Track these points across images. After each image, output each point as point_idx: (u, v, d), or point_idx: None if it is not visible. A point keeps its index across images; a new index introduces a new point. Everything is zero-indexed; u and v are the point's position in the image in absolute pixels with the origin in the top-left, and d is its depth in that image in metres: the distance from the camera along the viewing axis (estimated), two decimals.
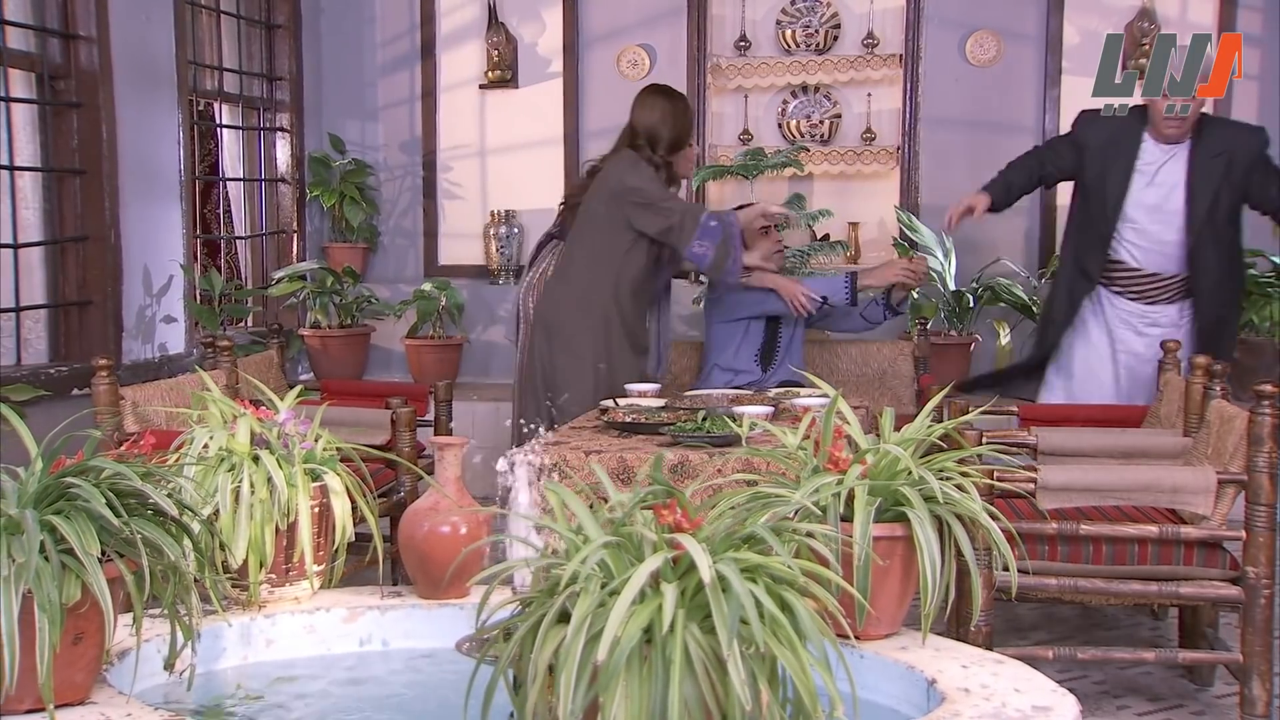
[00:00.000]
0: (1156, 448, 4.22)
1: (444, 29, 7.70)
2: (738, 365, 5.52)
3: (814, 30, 7.36)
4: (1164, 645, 4.63)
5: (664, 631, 1.69)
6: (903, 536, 2.44)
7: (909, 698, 2.32)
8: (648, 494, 1.91)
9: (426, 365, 7.20)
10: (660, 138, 5.12)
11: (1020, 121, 7.18)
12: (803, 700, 1.75)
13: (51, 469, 2.14)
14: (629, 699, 1.70)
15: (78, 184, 5.84)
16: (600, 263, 5.07)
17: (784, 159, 6.71)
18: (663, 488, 1.90)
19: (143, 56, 6.14)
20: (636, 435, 4.20)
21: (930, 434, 2.58)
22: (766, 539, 1.84)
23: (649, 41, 7.45)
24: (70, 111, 5.83)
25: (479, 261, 7.64)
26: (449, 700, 2.64)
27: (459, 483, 2.79)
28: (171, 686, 2.47)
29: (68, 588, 2.02)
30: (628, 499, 1.95)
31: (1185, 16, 7.07)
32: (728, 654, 1.66)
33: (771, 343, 5.57)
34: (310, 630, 2.71)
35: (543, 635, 1.78)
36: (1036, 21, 7.16)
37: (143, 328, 6.12)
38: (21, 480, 2.12)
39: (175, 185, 6.38)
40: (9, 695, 2.01)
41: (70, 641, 2.06)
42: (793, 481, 2.52)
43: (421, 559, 2.76)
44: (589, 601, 1.74)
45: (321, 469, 2.72)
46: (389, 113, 7.80)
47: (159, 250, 6.25)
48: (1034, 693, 2.20)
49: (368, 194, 7.64)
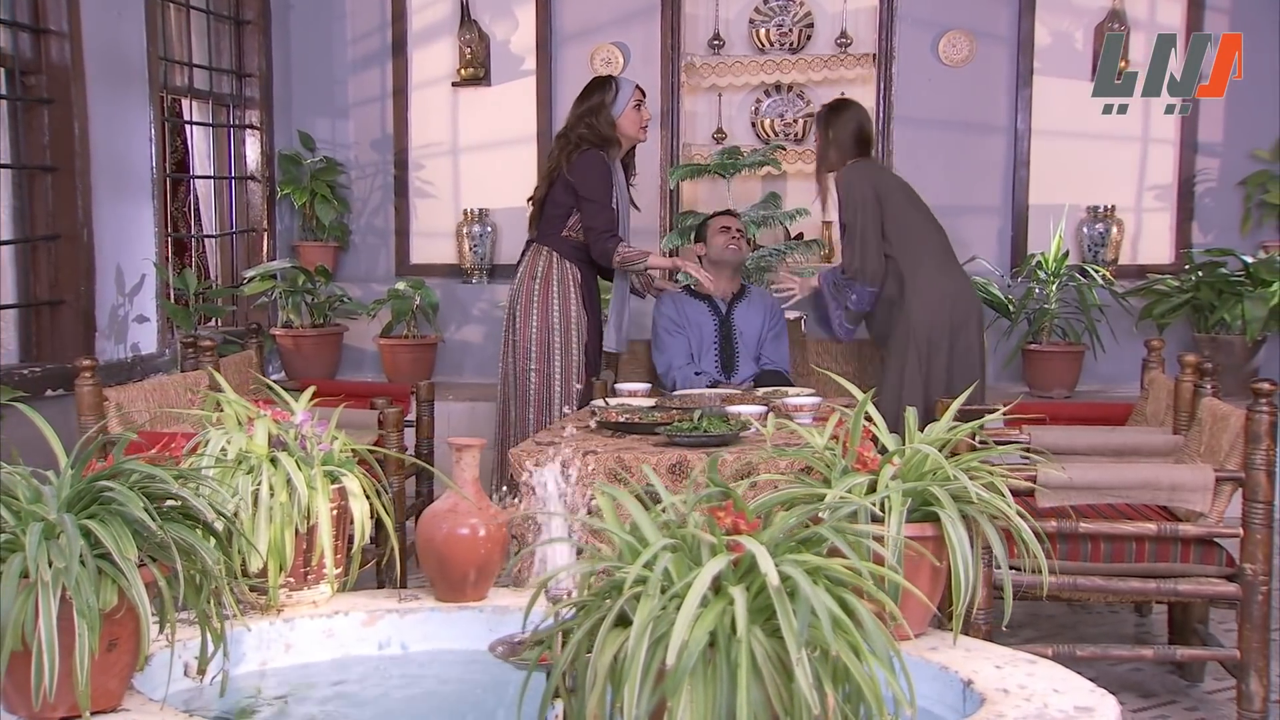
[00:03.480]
0: (1148, 446, 4.24)
1: (415, 26, 7.65)
2: (703, 366, 5.59)
3: (787, 29, 7.37)
4: (1150, 641, 4.67)
5: (733, 635, 1.68)
6: (933, 536, 2.44)
7: (943, 699, 2.31)
8: (705, 496, 1.89)
9: (401, 365, 7.15)
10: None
11: (992, 121, 7.25)
12: (868, 702, 1.74)
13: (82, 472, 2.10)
14: (694, 703, 1.69)
15: (49, 181, 5.75)
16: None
17: (760, 158, 6.71)
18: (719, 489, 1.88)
19: (114, 52, 6.06)
20: (631, 435, 4.19)
21: (956, 434, 2.58)
22: (835, 541, 1.83)
23: (622, 40, 7.43)
24: (41, 108, 5.74)
25: (451, 260, 7.60)
26: (470, 704, 2.63)
27: (477, 484, 2.76)
28: (192, 694, 2.43)
29: (104, 593, 1.98)
30: (680, 500, 1.93)
31: (1154, 17, 7.14)
32: (796, 658, 1.65)
33: (729, 347, 5.63)
34: (329, 634, 2.67)
35: (602, 639, 1.76)
36: (1008, 22, 7.21)
37: (115, 328, 6.03)
38: (54, 484, 2.08)
39: (147, 183, 6.30)
40: (45, 702, 1.96)
41: (105, 648, 2.02)
42: (817, 481, 2.51)
43: (440, 561, 2.72)
44: (651, 605, 1.72)
45: (340, 471, 2.68)
46: (360, 110, 7.74)
47: (131, 249, 6.17)
48: (1073, 693, 2.20)
49: (339, 192, 7.59)
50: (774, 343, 5.67)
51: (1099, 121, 7.01)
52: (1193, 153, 7.17)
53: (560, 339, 5.34)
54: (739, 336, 5.61)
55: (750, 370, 5.57)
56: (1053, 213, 7.06)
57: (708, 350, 5.58)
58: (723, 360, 5.58)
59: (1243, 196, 7.13)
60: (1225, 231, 7.17)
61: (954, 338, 5.30)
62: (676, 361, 5.52)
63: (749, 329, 5.62)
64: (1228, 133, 7.11)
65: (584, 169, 5.37)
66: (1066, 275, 6.79)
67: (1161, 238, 7.26)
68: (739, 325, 5.62)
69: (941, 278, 5.42)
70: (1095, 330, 6.75)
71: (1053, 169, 7.19)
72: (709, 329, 5.60)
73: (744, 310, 5.66)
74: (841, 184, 5.43)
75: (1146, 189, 7.25)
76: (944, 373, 5.27)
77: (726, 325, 5.62)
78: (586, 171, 5.37)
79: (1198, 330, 6.76)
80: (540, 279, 5.38)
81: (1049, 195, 7.17)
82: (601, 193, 5.36)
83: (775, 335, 5.68)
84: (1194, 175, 7.17)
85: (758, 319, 5.66)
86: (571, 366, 5.35)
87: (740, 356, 5.59)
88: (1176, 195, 7.21)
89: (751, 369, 5.57)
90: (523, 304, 5.40)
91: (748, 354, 5.60)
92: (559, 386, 5.34)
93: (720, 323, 5.62)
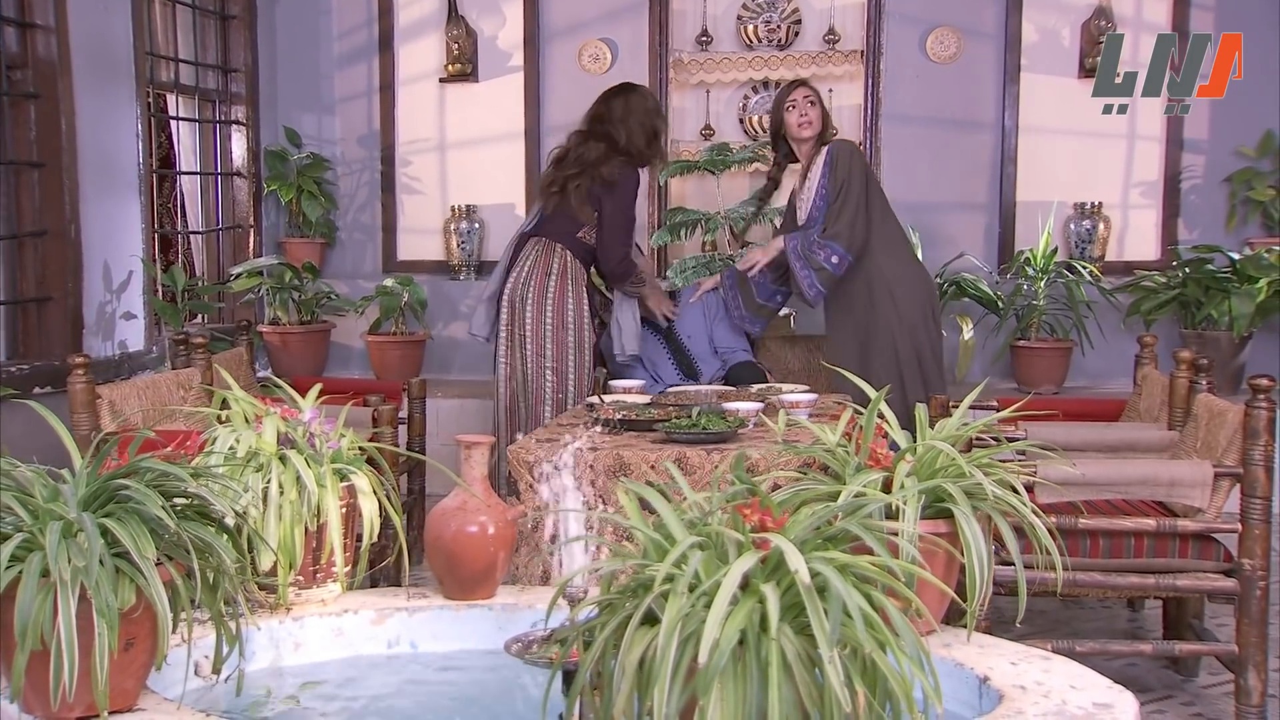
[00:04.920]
0: (1143, 442, 4.26)
1: (402, 21, 7.61)
2: (664, 379, 5.63)
3: (775, 26, 7.37)
4: (1142, 636, 4.69)
5: (762, 633, 1.67)
6: (946, 533, 2.44)
7: (959, 695, 2.31)
8: (734, 493, 1.88)
9: (390, 362, 7.12)
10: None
11: (980, 118, 7.26)
12: (896, 699, 1.74)
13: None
14: (724, 701, 1.68)
15: (36, 177, 5.70)
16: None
17: (750, 154, 6.71)
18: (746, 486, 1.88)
19: (101, 47, 6.01)
20: (628, 432, 4.17)
21: (967, 431, 2.59)
22: (866, 539, 1.82)
23: (610, 36, 7.41)
24: (28, 103, 5.68)
25: (439, 257, 7.57)
26: (480, 701, 2.62)
27: (485, 482, 2.75)
28: (202, 693, 2.42)
29: (122, 592, 1.97)
30: (703, 498, 1.92)
31: (1140, 15, 7.16)
32: (829, 656, 1.65)
33: (683, 358, 5.67)
34: (338, 633, 2.66)
35: (629, 637, 1.75)
36: (996, 19, 7.22)
37: (103, 325, 5.99)
38: (70, 482, 2.06)
39: (134, 179, 6.25)
40: (64, 702, 1.94)
41: (122, 647, 2.00)
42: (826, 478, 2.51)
43: (449, 559, 2.71)
44: (680, 603, 1.72)
45: (349, 469, 2.67)
46: (346, 106, 7.70)
47: (119, 245, 6.12)
48: (1090, 689, 2.20)
49: (325, 188, 7.55)
50: (720, 325, 5.73)
51: (1086, 118, 7.06)
52: (1178, 150, 7.19)
53: (574, 337, 5.32)
54: (688, 341, 5.71)
55: (714, 366, 5.63)
56: (1040, 209, 7.09)
57: (664, 365, 5.66)
58: (683, 369, 5.67)
59: (1228, 193, 7.16)
60: (1210, 228, 7.20)
61: (930, 321, 5.39)
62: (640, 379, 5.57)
63: (694, 329, 5.72)
64: (1213, 130, 7.14)
65: (627, 187, 5.41)
66: (1055, 272, 6.80)
67: (1147, 234, 7.29)
68: (682, 331, 5.76)
69: (914, 263, 5.63)
70: (1083, 326, 6.77)
71: (1040, 166, 7.21)
72: (659, 346, 5.75)
73: (681, 318, 5.77)
74: (844, 153, 5.43)
75: (1133, 186, 7.28)
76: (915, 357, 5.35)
77: (673, 338, 5.75)
78: (628, 190, 5.42)
79: (1184, 326, 6.78)
80: (556, 275, 5.33)
81: (1036, 192, 7.19)
82: (629, 216, 5.44)
83: (720, 318, 5.74)
84: (1180, 172, 7.19)
85: (696, 316, 5.76)
86: (584, 365, 5.34)
87: (698, 358, 5.68)
88: (1163, 192, 7.23)
89: (715, 365, 5.63)
90: (535, 299, 5.32)
91: (704, 353, 5.67)
92: (572, 385, 5.32)
93: (665, 336, 5.76)
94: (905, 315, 5.33)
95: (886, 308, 5.33)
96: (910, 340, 5.33)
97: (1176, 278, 6.75)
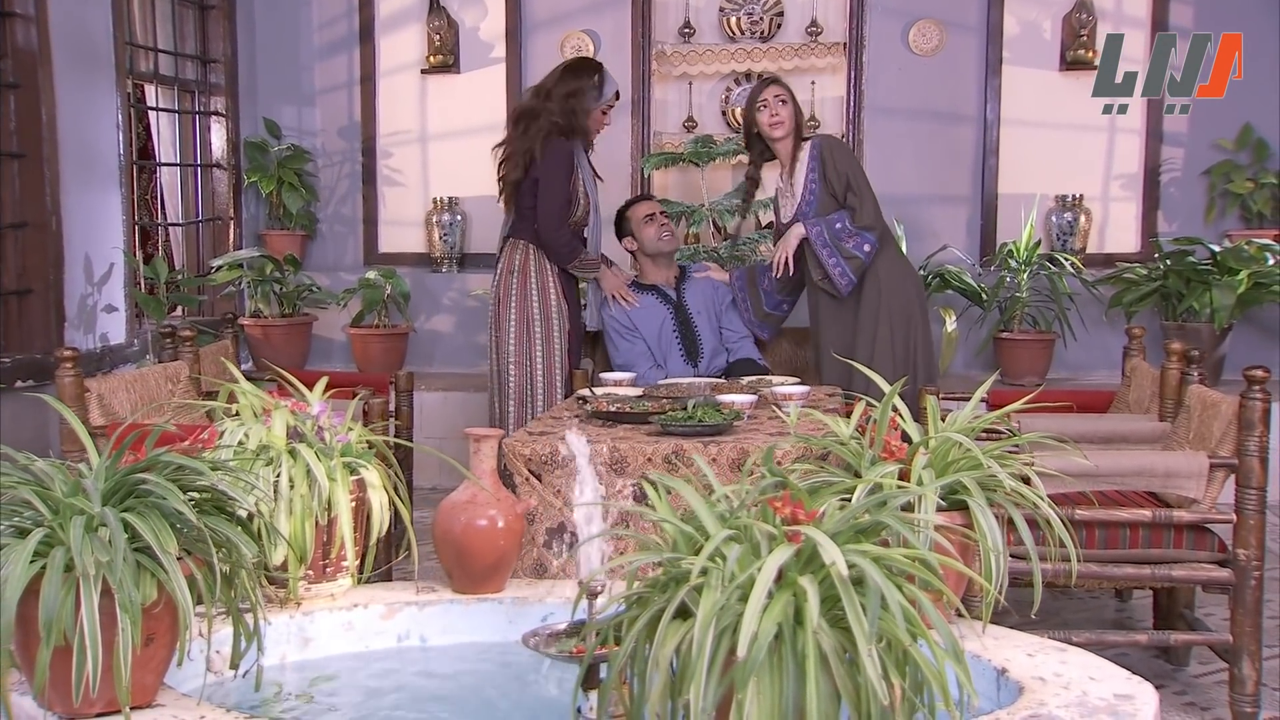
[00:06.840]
0: (1136, 433, 4.28)
1: (383, 12, 7.58)
2: (670, 369, 5.58)
3: (757, 18, 7.37)
4: (1131, 626, 4.71)
5: (798, 625, 1.67)
6: (962, 525, 2.44)
7: (977, 687, 2.28)
8: (766, 486, 1.88)
9: (373, 355, 7.10)
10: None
11: (962, 110, 7.29)
12: (932, 691, 1.74)
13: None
14: (760, 695, 1.68)
15: (16, 168, 5.65)
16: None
17: (734, 146, 6.71)
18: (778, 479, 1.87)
19: (80, 36, 5.96)
20: (622, 425, 4.16)
21: (981, 423, 2.59)
22: (901, 531, 1.82)
23: (593, 27, 7.40)
24: (8, 93, 5.65)
25: (421, 249, 7.54)
26: (491, 695, 2.61)
27: (495, 475, 2.73)
28: (214, 687, 2.40)
29: (144, 587, 1.95)
30: (731, 490, 1.92)
31: (1120, 9, 7.21)
32: (867, 649, 1.64)
33: (689, 332, 5.64)
34: (348, 627, 2.64)
35: (663, 630, 1.74)
36: (978, 11, 7.26)
37: (84, 317, 5.94)
38: (88, 475, 2.03)
39: (115, 170, 6.21)
40: (86, 698, 1.92)
41: (143, 643, 1.98)
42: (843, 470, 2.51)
43: (459, 553, 2.69)
44: (715, 596, 1.71)
45: (359, 462, 2.65)
46: (327, 97, 7.66)
47: (100, 237, 6.08)
48: (1110, 680, 2.20)
49: (306, 180, 7.51)
50: (730, 313, 5.71)
51: (1067, 111, 7.10)
52: (1158, 143, 7.25)
53: (541, 330, 5.31)
54: (696, 317, 5.64)
55: (717, 353, 5.60)
56: (1022, 202, 7.12)
57: (669, 340, 5.59)
58: (686, 347, 5.60)
59: (1207, 186, 7.23)
60: (1189, 221, 7.26)
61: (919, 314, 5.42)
62: (639, 367, 5.50)
63: (703, 306, 5.67)
64: (1192, 123, 7.19)
65: (551, 162, 5.31)
66: (1037, 264, 6.84)
67: (1128, 227, 7.34)
68: (691, 305, 5.67)
69: (901, 257, 5.64)
70: (1066, 318, 6.81)
71: (1022, 158, 7.25)
72: (666, 318, 5.61)
73: (691, 290, 5.72)
74: (836, 149, 5.42)
75: (1113, 178, 7.32)
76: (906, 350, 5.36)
77: (682, 310, 5.65)
78: (552, 165, 5.31)
79: (1166, 318, 6.83)
80: (518, 273, 5.35)
81: (1018, 184, 7.23)
82: (559, 188, 5.32)
83: (729, 305, 5.72)
84: (1159, 165, 7.25)
85: (706, 292, 5.71)
86: (554, 357, 5.32)
87: (703, 338, 5.61)
88: (1143, 185, 7.29)
89: (715, 349, 5.60)
90: (502, 299, 5.39)
91: (710, 332, 5.62)
92: (541, 378, 5.31)
93: (675, 308, 5.65)
94: (896, 309, 5.34)
95: (876, 301, 5.33)
96: (903, 333, 5.34)
97: (1158, 270, 6.79)
